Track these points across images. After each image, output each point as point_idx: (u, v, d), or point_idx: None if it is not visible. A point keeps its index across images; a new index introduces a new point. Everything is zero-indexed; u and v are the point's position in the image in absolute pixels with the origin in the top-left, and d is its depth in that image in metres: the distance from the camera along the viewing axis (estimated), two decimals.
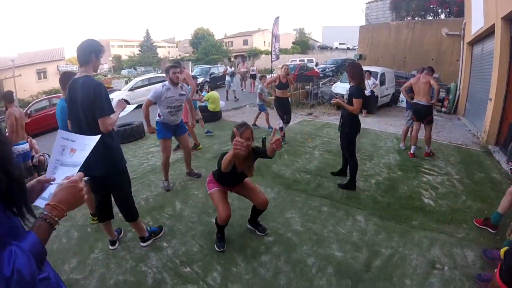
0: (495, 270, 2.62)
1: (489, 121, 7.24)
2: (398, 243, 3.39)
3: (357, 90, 4.48)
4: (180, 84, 4.71)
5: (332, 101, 5.04)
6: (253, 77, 18.01)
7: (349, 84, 4.78)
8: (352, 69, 4.61)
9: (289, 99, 7.58)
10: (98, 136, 1.59)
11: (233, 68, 16.49)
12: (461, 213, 4.04)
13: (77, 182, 1.22)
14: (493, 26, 7.38)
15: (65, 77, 3.52)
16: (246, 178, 3.38)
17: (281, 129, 7.27)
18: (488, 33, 8.45)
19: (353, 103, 4.45)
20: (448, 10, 16.99)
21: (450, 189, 4.76)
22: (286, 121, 7.34)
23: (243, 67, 18.11)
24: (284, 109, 7.25)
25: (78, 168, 1.45)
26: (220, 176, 3.19)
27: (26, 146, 4.96)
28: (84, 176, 1.31)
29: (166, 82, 4.64)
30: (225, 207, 3.14)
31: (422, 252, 3.23)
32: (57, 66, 28.92)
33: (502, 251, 2.87)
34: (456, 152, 6.71)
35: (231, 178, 3.20)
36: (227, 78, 15.62)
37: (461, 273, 2.90)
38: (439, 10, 17.51)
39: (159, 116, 4.81)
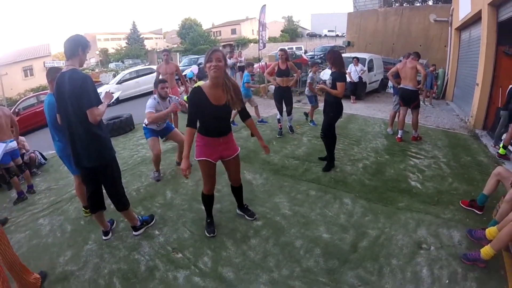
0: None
1: (477, 106, 7.36)
2: (384, 224, 3.47)
3: (339, 75, 4.64)
4: (168, 98, 4.84)
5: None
6: (241, 69, 15.27)
7: (330, 70, 4.90)
8: (333, 56, 4.73)
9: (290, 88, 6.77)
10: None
11: (232, 60, 14.46)
12: (448, 195, 4.11)
13: None
14: (480, 12, 7.46)
15: (52, 73, 3.55)
16: (238, 153, 3.27)
17: (279, 121, 6.85)
18: (475, 19, 8.54)
19: (337, 87, 4.58)
20: None
21: (437, 171, 4.84)
22: (288, 112, 6.77)
23: (232, 58, 15.46)
24: (284, 100, 6.63)
25: None
26: (204, 124, 3.06)
27: (13, 144, 4.91)
28: None
29: (155, 95, 4.75)
30: (211, 178, 3.19)
31: (408, 232, 3.30)
32: (44, 62, 28.63)
33: (488, 231, 2.96)
34: (443, 136, 6.80)
35: (214, 123, 3.04)
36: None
37: (447, 253, 2.97)
38: None
39: (145, 124, 4.88)
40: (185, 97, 9.73)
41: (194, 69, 11.32)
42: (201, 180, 4.36)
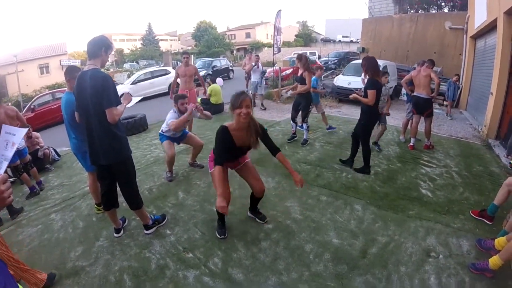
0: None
1: (490, 115, 7.27)
2: (394, 231, 3.47)
3: (371, 82, 4.63)
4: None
5: (350, 97, 5.14)
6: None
7: (365, 77, 4.89)
8: (367, 63, 4.72)
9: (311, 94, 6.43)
10: (26, 129, 1.62)
11: (261, 66, 11.46)
12: (458, 204, 4.09)
13: None
14: (495, 20, 7.39)
15: (70, 71, 3.64)
16: (249, 160, 3.44)
17: (292, 126, 6.81)
18: (491, 27, 8.46)
19: (368, 95, 4.60)
20: (451, 4, 17.01)
21: (448, 181, 4.81)
22: (302, 118, 6.47)
23: (249, 62, 12.56)
24: (297, 106, 6.46)
25: (7, 163, 1.46)
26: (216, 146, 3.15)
27: (19, 145, 4.98)
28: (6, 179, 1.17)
29: (175, 109, 4.86)
30: (224, 191, 3.15)
31: (417, 240, 3.30)
32: (60, 60, 29.06)
33: (497, 241, 2.95)
34: (456, 145, 6.74)
35: (233, 158, 3.25)
36: (254, 78, 11.15)
37: (456, 262, 2.96)
38: (443, 4, 17.55)
39: (163, 131, 4.96)
40: (198, 99, 9.80)
41: (219, 81, 11.13)
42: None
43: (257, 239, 3.37)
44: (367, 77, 4.75)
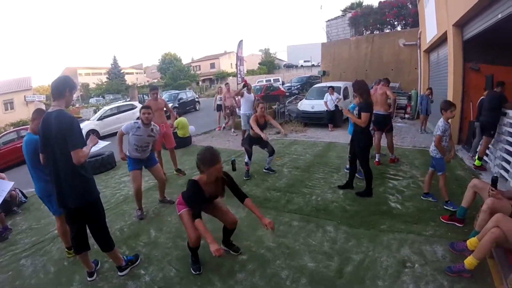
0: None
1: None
2: (367, 247, 3.53)
3: (366, 105, 4.73)
4: (151, 126, 4.84)
5: (343, 112, 5.25)
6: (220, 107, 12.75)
7: (357, 100, 5.16)
8: (359, 86, 4.84)
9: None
10: (13, 183, 1.63)
11: (253, 95, 9.53)
12: (428, 212, 4.25)
13: None
14: (445, 33, 7.92)
15: (39, 112, 3.64)
16: (216, 199, 3.46)
17: (246, 164, 6.37)
18: (442, 40, 9.03)
19: (361, 117, 4.69)
20: (404, 22, 17.91)
21: (416, 191, 4.98)
22: (270, 153, 6.27)
23: (228, 95, 11.70)
24: (260, 145, 6.32)
25: None
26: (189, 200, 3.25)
27: None
28: None
29: (139, 121, 4.78)
30: (195, 230, 3.17)
31: (392, 253, 3.38)
32: (24, 96, 28.35)
33: (469, 242, 3.05)
34: (420, 155, 6.99)
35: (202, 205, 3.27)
36: (244, 109, 9.12)
37: (432, 268, 3.05)
38: (396, 23, 18.42)
39: (128, 151, 4.88)
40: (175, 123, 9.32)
41: (192, 129, 10.50)
42: None
43: (233, 271, 3.33)
44: (360, 100, 4.82)
